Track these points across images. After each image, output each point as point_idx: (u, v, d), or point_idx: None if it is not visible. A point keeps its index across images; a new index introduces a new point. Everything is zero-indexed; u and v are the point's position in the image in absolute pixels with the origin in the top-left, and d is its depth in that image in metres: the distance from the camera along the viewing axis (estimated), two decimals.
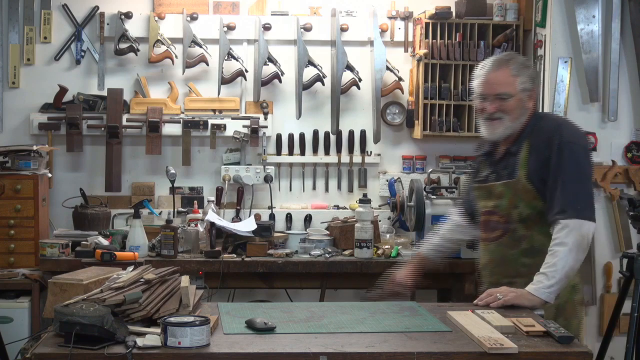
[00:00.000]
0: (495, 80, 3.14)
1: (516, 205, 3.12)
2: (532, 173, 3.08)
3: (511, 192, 3.12)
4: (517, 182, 3.10)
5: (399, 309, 3.02)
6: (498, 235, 3.20)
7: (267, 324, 2.70)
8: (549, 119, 3.22)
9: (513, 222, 3.14)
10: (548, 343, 2.62)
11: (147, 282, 2.80)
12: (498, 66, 3.15)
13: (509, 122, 3.13)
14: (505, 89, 3.12)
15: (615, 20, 4.51)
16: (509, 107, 3.11)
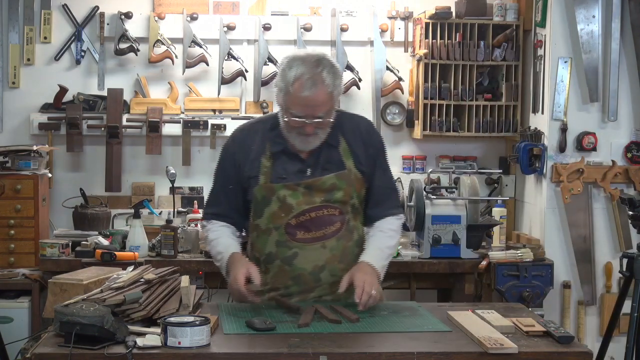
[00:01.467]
0: (314, 102, 2.91)
1: (351, 195, 3.05)
2: (359, 163, 3.06)
3: (345, 183, 3.04)
4: (349, 172, 3.04)
5: (399, 309, 3.02)
6: (336, 230, 3.05)
7: (267, 323, 2.70)
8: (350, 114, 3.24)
9: (347, 214, 3.07)
10: (548, 343, 2.62)
11: (147, 282, 2.80)
12: (314, 83, 2.90)
13: (323, 134, 3.01)
14: (324, 109, 2.94)
15: (615, 20, 4.51)
16: (326, 123, 2.98)
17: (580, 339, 4.46)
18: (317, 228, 3.03)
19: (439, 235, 4.35)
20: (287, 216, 3.01)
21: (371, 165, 3.09)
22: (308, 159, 3.05)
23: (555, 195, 4.55)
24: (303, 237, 3.02)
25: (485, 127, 4.91)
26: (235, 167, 3.10)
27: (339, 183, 3.03)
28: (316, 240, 3.03)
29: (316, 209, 3.03)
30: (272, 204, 3.02)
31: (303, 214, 3.02)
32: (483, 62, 4.90)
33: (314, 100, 2.90)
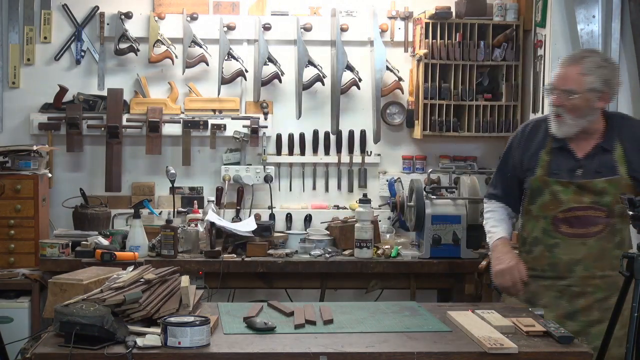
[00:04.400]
0: (565, 75, 3.18)
1: (619, 200, 3.16)
2: (633, 170, 3.18)
3: (615, 188, 3.19)
4: (620, 178, 3.19)
5: (399, 308, 3.02)
6: (599, 230, 3.23)
7: (267, 324, 2.70)
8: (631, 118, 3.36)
9: (614, 217, 3.22)
10: (548, 343, 2.62)
11: (147, 282, 2.80)
12: (571, 62, 3.20)
13: (570, 120, 3.18)
14: (570, 86, 3.16)
15: (615, 20, 4.50)
16: (571, 104, 3.16)
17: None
18: (581, 226, 3.22)
19: (439, 235, 4.35)
20: (556, 209, 3.23)
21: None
22: (583, 159, 3.22)
23: None
24: (566, 231, 3.23)
25: (485, 127, 4.91)
26: (515, 159, 3.36)
27: (609, 188, 3.19)
28: (578, 236, 3.22)
29: (584, 208, 3.22)
30: (544, 195, 3.25)
31: (570, 210, 3.22)
32: (483, 62, 4.90)
33: (564, 73, 3.16)
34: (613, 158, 3.20)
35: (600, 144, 3.21)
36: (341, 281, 4.54)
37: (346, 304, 3.20)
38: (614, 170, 3.19)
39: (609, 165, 3.20)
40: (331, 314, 2.87)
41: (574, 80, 3.16)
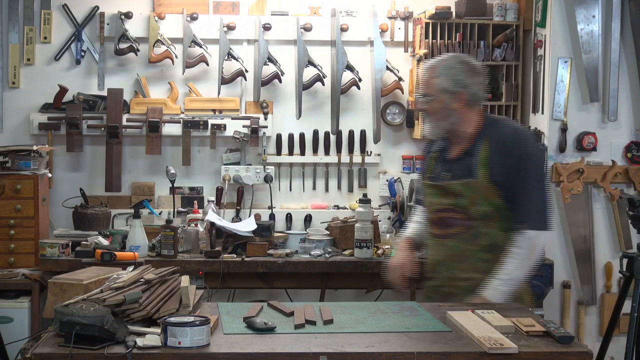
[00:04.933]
0: (422, 81, 3.34)
1: (477, 203, 3.23)
2: (494, 174, 3.19)
3: (471, 191, 3.23)
4: (477, 181, 3.22)
5: (399, 309, 3.02)
6: (457, 232, 3.29)
7: (267, 324, 2.70)
8: (505, 125, 3.32)
9: (473, 219, 3.25)
10: (548, 343, 2.62)
11: (147, 282, 2.80)
12: (426, 67, 3.33)
13: (433, 122, 3.33)
14: (426, 90, 3.29)
15: (615, 20, 4.51)
16: (429, 107, 3.29)
17: (580, 339, 4.46)
18: (444, 227, 3.33)
19: None
20: (429, 211, 3.41)
21: (510, 176, 3.19)
22: (451, 163, 3.31)
23: (555, 195, 4.55)
24: (434, 232, 3.38)
25: None
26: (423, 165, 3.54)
27: (465, 190, 3.25)
28: (441, 237, 3.35)
29: (444, 210, 3.32)
30: (426, 197, 3.44)
31: (436, 212, 3.35)
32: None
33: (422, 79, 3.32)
34: (475, 161, 3.23)
35: (468, 148, 3.26)
36: (341, 281, 4.54)
37: (346, 304, 3.20)
38: (473, 174, 3.23)
39: (470, 168, 3.24)
40: (331, 314, 2.87)
41: (427, 85, 3.28)
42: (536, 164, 3.22)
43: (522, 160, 3.18)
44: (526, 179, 3.17)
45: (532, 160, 3.20)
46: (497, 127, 3.27)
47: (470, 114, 3.27)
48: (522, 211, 3.19)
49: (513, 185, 3.18)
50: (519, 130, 3.31)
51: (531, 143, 3.28)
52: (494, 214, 3.23)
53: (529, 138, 3.32)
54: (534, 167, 3.20)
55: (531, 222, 3.18)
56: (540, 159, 3.31)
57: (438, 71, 3.26)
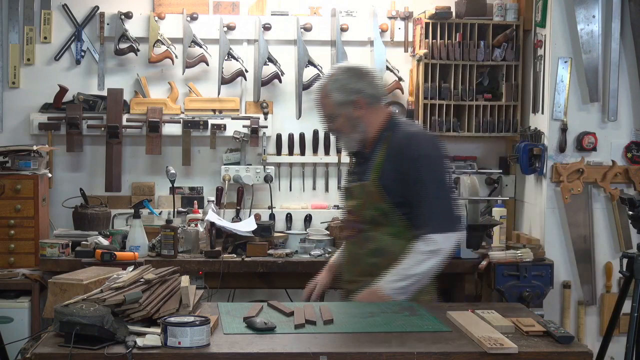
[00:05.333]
0: (319, 105, 3.31)
1: (366, 206, 3.24)
2: (384, 178, 3.18)
3: (364, 194, 3.25)
4: (368, 184, 3.22)
5: (399, 309, 3.02)
6: (351, 235, 3.34)
7: (267, 324, 2.70)
8: (401, 129, 3.27)
9: (364, 223, 3.26)
10: (548, 343, 2.62)
11: (147, 282, 2.80)
12: (316, 93, 3.34)
13: (345, 138, 3.31)
14: (325, 112, 3.29)
15: (615, 20, 4.51)
16: (336, 126, 3.28)
17: (580, 339, 4.46)
18: (345, 230, 3.43)
19: None
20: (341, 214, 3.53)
21: (403, 181, 3.16)
22: (359, 166, 3.33)
23: (555, 195, 4.56)
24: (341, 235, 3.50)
25: (485, 127, 4.91)
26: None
27: (358, 193, 3.28)
28: (343, 239, 3.46)
29: (346, 212, 3.40)
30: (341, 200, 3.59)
31: (342, 214, 3.47)
32: (483, 62, 4.90)
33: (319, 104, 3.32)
34: (371, 165, 3.23)
35: (369, 151, 3.27)
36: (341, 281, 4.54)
37: (346, 304, 3.20)
38: (366, 177, 3.24)
39: (366, 171, 3.25)
40: (331, 314, 2.87)
41: (324, 106, 3.27)
42: (431, 166, 3.16)
43: (415, 163, 3.13)
44: (422, 182, 3.13)
45: (426, 162, 3.14)
46: (396, 130, 3.24)
47: (376, 116, 3.25)
48: (422, 216, 3.14)
49: (408, 190, 3.15)
50: (414, 134, 3.25)
51: (425, 145, 3.19)
52: (380, 218, 3.21)
53: (424, 140, 3.23)
54: (429, 170, 3.14)
55: (432, 226, 3.12)
56: (437, 160, 3.20)
57: (327, 88, 3.24)
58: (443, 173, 3.20)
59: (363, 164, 3.30)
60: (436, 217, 3.13)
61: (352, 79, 3.22)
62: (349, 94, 3.21)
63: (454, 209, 3.19)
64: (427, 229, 3.12)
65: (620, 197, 4.10)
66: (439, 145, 3.26)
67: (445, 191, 3.18)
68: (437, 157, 3.20)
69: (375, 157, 3.23)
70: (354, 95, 3.21)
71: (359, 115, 3.23)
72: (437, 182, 3.15)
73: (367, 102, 3.22)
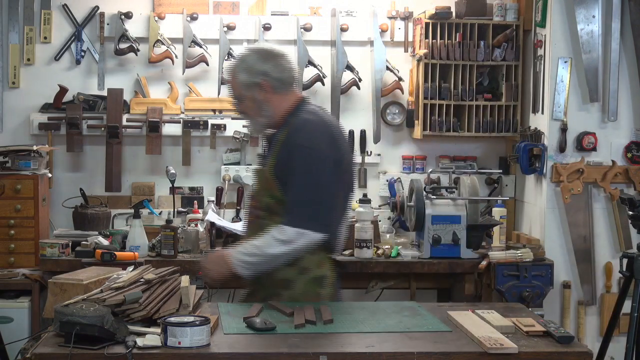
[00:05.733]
0: (229, 85, 3.30)
1: (263, 193, 3.21)
2: (278, 165, 3.15)
3: (260, 180, 3.25)
4: (265, 171, 3.20)
5: (399, 309, 3.02)
6: (250, 220, 3.30)
7: (267, 324, 2.70)
8: (301, 116, 3.19)
9: (261, 209, 3.22)
10: (548, 343, 2.62)
11: (147, 282, 2.80)
12: (226, 71, 3.36)
13: (252, 120, 3.28)
14: (232, 93, 3.27)
15: (615, 20, 4.51)
16: (243, 107, 3.25)
17: (580, 339, 4.46)
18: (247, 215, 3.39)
19: (439, 235, 4.35)
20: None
21: (286, 171, 3.12)
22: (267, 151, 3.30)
23: (555, 195, 4.56)
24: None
25: (485, 127, 4.91)
26: None
27: (258, 178, 3.29)
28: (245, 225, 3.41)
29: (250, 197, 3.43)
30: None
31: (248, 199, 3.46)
32: (483, 62, 4.90)
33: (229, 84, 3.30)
34: (272, 151, 3.21)
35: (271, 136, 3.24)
36: (341, 281, 4.53)
37: (346, 304, 3.20)
38: (266, 162, 3.23)
39: (268, 157, 3.23)
40: (331, 314, 2.87)
41: (233, 87, 3.25)
42: (306, 157, 3.06)
43: (292, 151, 3.08)
44: (292, 171, 3.07)
45: (303, 153, 3.06)
46: (297, 116, 3.18)
47: (283, 100, 3.20)
48: (285, 205, 3.10)
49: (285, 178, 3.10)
50: (307, 121, 3.16)
51: (309, 135, 3.10)
52: (275, 207, 3.15)
53: (312, 130, 3.13)
54: (302, 161, 3.06)
55: (289, 218, 3.06)
56: (313, 152, 3.08)
57: (235, 69, 3.22)
58: (320, 167, 3.08)
59: (269, 149, 3.26)
60: (295, 211, 3.07)
61: (259, 61, 3.18)
62: (254, 76, 3.17)
63: (319, 209, 3.09)
64: (284, 219, 3.07)
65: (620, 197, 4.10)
66: (333, 138, 3.16)
67: (314, 187, 3.08)
68: (317, 150, 3.09)
69: (277, 142, 3.17)
70: (260, 77, 3.17)
71: (265, 99, 3.18)
72: (306, 176, 3.07)
73: (272, 86, 3.17)
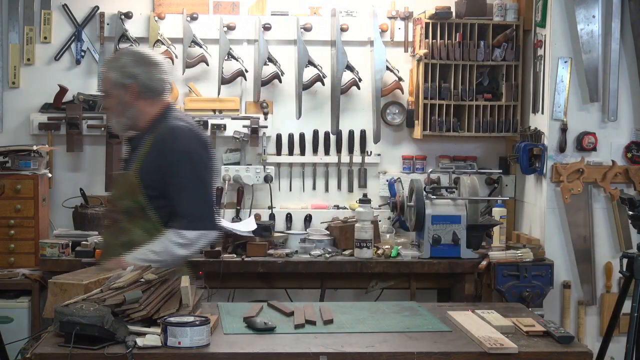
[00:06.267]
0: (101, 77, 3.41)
1: (125, 197, 3.22)
2: (143, 170, 3.17)
3: (124, 184, 3.24)
4: (129, 175, 3.21)
5: (399, 309, 3.02)
6: (108, 224, 3.34)
7: (267, 324, 2.71)
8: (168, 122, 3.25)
9: (121, 213, 3.24)
10: (548, 343, 2.62)
11: (147, 282, 2.80)
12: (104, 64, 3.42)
13: (115, 118, 3.29)
14: (103, 87, 3.30)
15: (615, 20, 4.51)
16: (106, 104, 3.31)
17: (580, 339, 4.46)
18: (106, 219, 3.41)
19: (439, 235, 4.35)
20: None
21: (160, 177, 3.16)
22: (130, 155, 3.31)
23: (555, 195, 4.56)
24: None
25: (485, 127, 4.91)
26: None
27: (120, 182, 3.29)
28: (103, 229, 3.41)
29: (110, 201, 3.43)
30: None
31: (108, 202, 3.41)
32: (483, 62, 4.90)
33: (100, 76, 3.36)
34: (136, 156, 3.23)
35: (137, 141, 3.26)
36: (341, 281, 4.54)
37: (346, 304, 3.21)
38: (130, 166, 3.24)
39: (132, 161, 3.25)
40: (331, 314, 2.87)
41: (102, 81, 3.30)
42: (188, 162, 3.14)
43: (172, 158, 3.14)
44: (179, 177, 3.13)
45: (184, 158, 3.14)
46: (164, 123, 3.23)
47: (148, 107, 3.24)
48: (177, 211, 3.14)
49: (165, 185, 3.15)
50: (177, 128, 3.21)
51: (185, 141, 3.18)
52: (136, 211, 3.19)
53: (187, 135, 3.20)
54: (187, 166, 3.14)
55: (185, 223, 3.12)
56: (194, 157, 3.18)
57: (108, 66, 3.28)
58: (202, 170, 3.19)
59: (132, 153, 3.29)
60: (191, 214, 3.13)
61: (133, 64, 3.23)
62: (124, 77, 3.22)
63: (210, 209, 3.19)
64: (181, 224, 3.12)
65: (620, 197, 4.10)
66: (204, 142, 3.26)
67: (202, 189, 3.18)
68: (198, 153, 3.19)
69: (142, 147, 3.21)
70: (129, 79, 3.21)
71: (130, 102, 3.23)
72: (194, 180, 3.15)
73: (140, 91, 3.22)
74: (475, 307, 2.99)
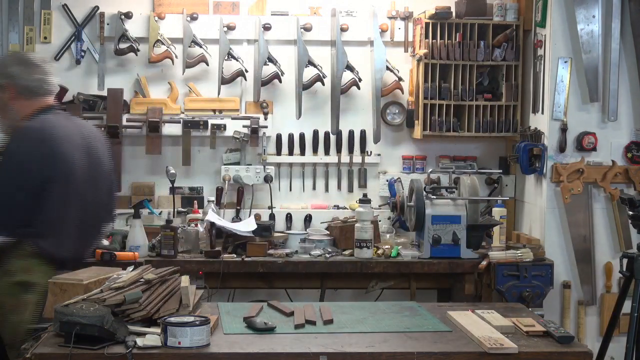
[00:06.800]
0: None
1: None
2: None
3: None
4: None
5: (398, 309, 3.02)
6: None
7: (267, 324, 2.71)
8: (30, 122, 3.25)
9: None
10: (548, 343, 2.63)
11: (147, 282, 2.80)
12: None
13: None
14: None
15: (615, 20, 4.51)
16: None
17: (580, 339, 4.46)
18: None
19: (439, 235, 4.35)
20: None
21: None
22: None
23: (555, 195, 4.56)
24: None
25: (485, 127, 4.91)
26: None
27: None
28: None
29: None
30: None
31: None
32: (483, 62, 4.90)
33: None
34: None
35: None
36: (341, 281, 4.54)
37: (346, 304, 3.21)
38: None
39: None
40: (331, 314, 2.87)
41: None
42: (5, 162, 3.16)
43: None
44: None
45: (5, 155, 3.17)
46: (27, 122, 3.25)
47: (26, 107, 3.27)
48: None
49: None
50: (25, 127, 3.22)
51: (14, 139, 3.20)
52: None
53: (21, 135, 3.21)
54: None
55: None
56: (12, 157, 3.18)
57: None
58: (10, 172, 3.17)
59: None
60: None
61: (12, 64, 3.29)
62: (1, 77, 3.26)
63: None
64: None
65: (620, 197, 4.10)
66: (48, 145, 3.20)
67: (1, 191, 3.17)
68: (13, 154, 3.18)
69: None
70: (5, 79, 3.26)
71: (8, 102, 3.26)
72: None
73: (17, 91, 3.26)
74: (475, 307, 2.99)
